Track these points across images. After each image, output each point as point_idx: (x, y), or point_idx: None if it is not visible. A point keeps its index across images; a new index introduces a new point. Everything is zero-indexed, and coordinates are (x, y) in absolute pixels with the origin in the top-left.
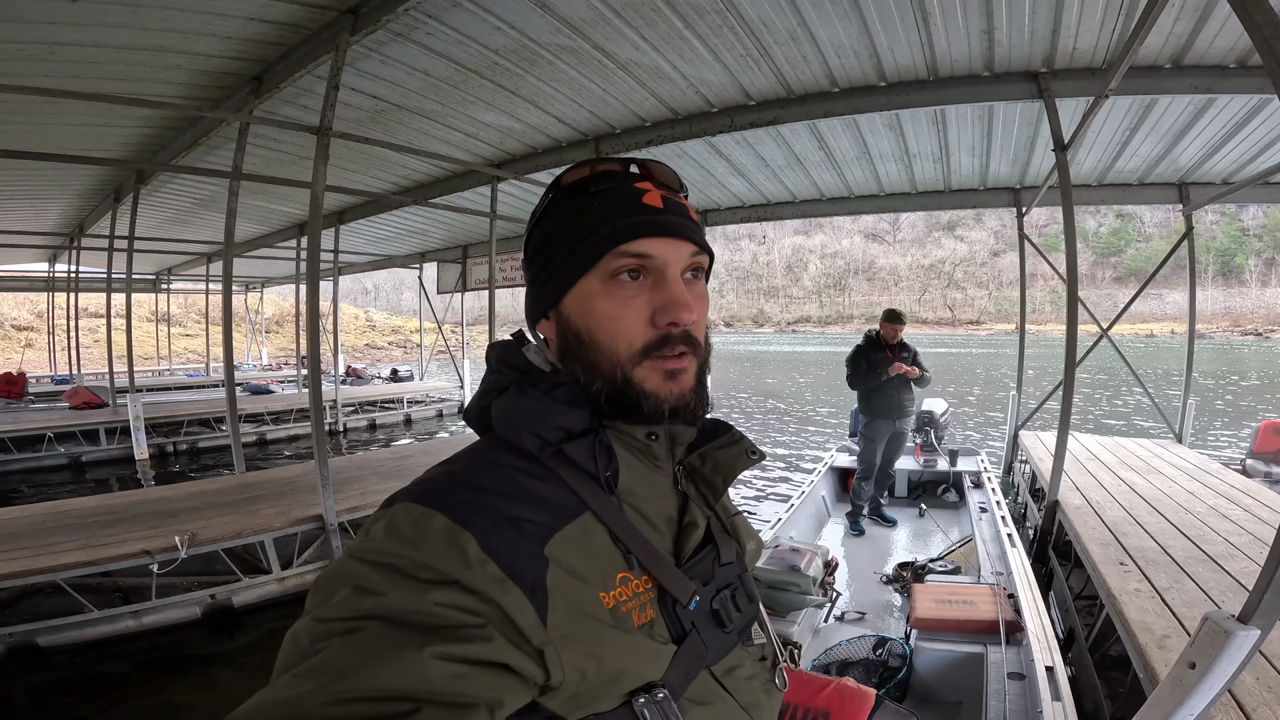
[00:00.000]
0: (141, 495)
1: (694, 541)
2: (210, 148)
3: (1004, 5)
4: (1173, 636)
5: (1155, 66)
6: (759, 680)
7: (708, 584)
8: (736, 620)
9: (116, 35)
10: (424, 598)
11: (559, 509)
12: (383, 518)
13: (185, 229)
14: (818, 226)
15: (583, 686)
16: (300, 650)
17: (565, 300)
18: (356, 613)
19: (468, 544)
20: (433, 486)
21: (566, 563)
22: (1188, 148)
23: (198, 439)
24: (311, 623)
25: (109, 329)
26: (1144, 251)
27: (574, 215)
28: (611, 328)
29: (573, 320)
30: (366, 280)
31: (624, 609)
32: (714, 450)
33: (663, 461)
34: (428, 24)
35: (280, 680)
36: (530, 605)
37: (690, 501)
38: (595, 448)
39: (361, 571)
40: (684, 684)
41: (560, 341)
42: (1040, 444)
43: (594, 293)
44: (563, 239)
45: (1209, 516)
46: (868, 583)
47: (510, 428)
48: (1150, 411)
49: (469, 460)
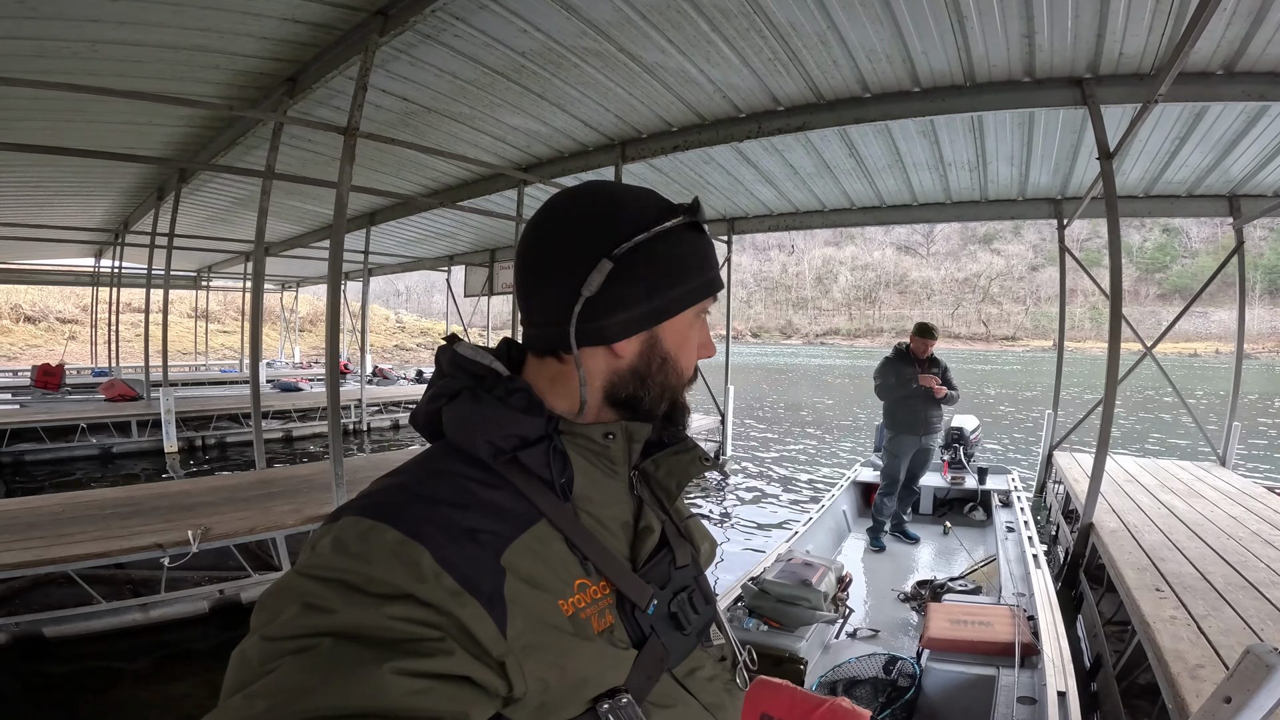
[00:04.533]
0: (162, 488)
1: (649, 545)
2: (248, 147)
3: (1045, 9)
4: (1207, 666)
5: (1206, 73)
6: (720, 681)
7: (665, 587)
8: (695, 622)
9: (157, 34)
10: (378, 613)
11: (514, 517)
12: (329, 533)
13: (225, 227)
14: (849, 237)
15: (546, 696)
16: (250, 670)
17: (667, 325)
18: (307, 630)
19: (421, 557)
20: (381, 499)
21: (524, 572)
22: (1239, 158)
23: (226, 434)
24: (259, 641)
25: (147, 324)
26: (1189, 268)
27: (700, 251)
28: (690, 356)
29: (665, 344)
30: (399, 282)
31: (583, 615)
32: (667, 456)
33: (619, 466)
34: (455, 26)
35: (231, 701)
36: (489, 617)
37: (645, 506)
38: (550, 454)
39: (309, 588)
40: (646, 687)
41: (639, 361)
42: (1076, 464)
43: (689, 324)
44: (690, 269)
45: (1252, 542)
46: (884, 600)
47: (463, 435)
48: (1190, 433)
49: (418, 470)
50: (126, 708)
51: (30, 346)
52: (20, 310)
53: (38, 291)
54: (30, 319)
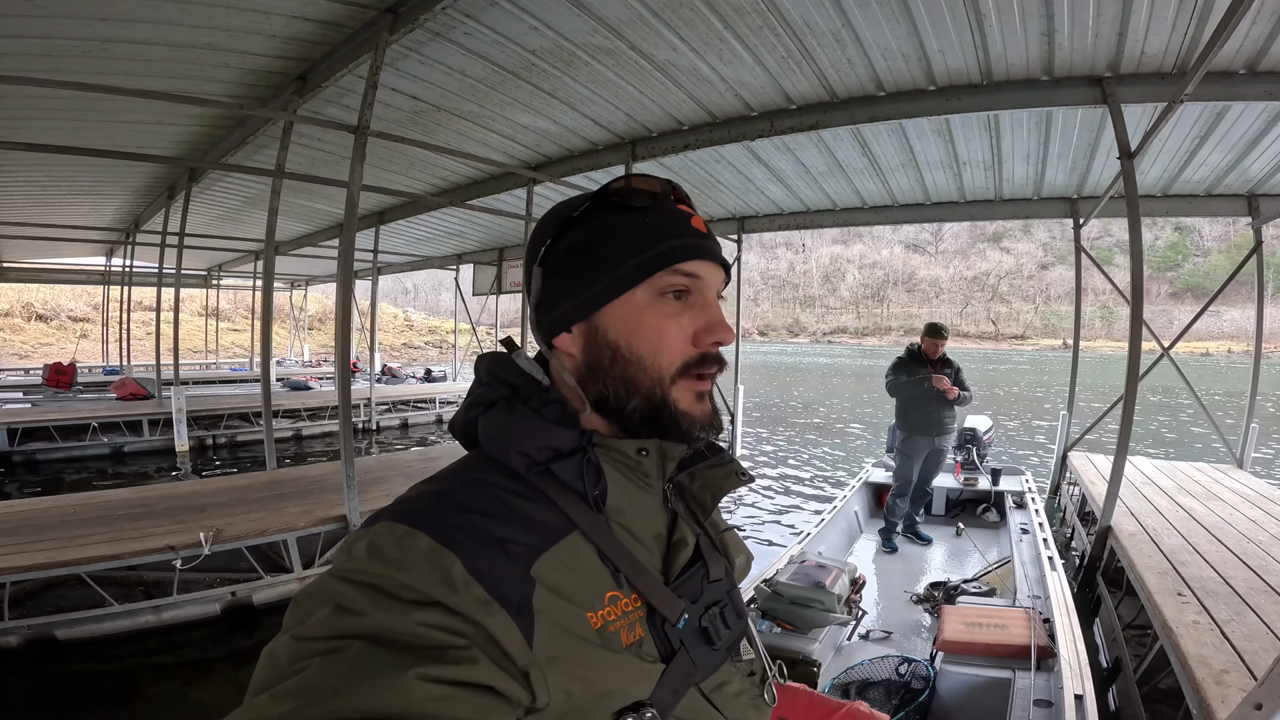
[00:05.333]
0: (174, 489)
1: (683, 559)
2: (258, 146)
3: (1066, 7)
4: (1231, 672)
5: (1229, 72)
6: (747, 696)
7: (696, 601)
8: (725, 637)
9: (167, 33)
10: (407, 618)
11: (546, 529)
12: (365, 537)
13: (235, 226)
14: (856, 236)
15: (569, 707)
16: (279, 669)
17: (603, 313)
18: (338, 632)
19: (452, 565)
20: (417, 506)
21: (553, 583)
22: (1259, 158)
23: (237, 433)
24: (290, 641)
25: (158, 323)
26: (1201, 266)
27: (623, 228)
28: (657, 342)
29: (610, 334)
30: (407, 280)
31: (612, 628)
32: (703, 469)
33: (652, 479)
34: (465, 23)
35: (258, 700)
36: (516, 627)
37: (679, 519)
38: (583, 466)
39: (343, 590)
40: (672, 702)
41: (588, 357)
42: (1091, 466)
43: (642, 307)
44: (609, 251)
45: (1273, 546)
46: (897, 602)
47: (497, 446)
48: (1204, 435)
49: (454, 478)
50: (138, 710)
51: (42, 345)
52: (32, 309)
53: (49, 290)
54: (42, 317)
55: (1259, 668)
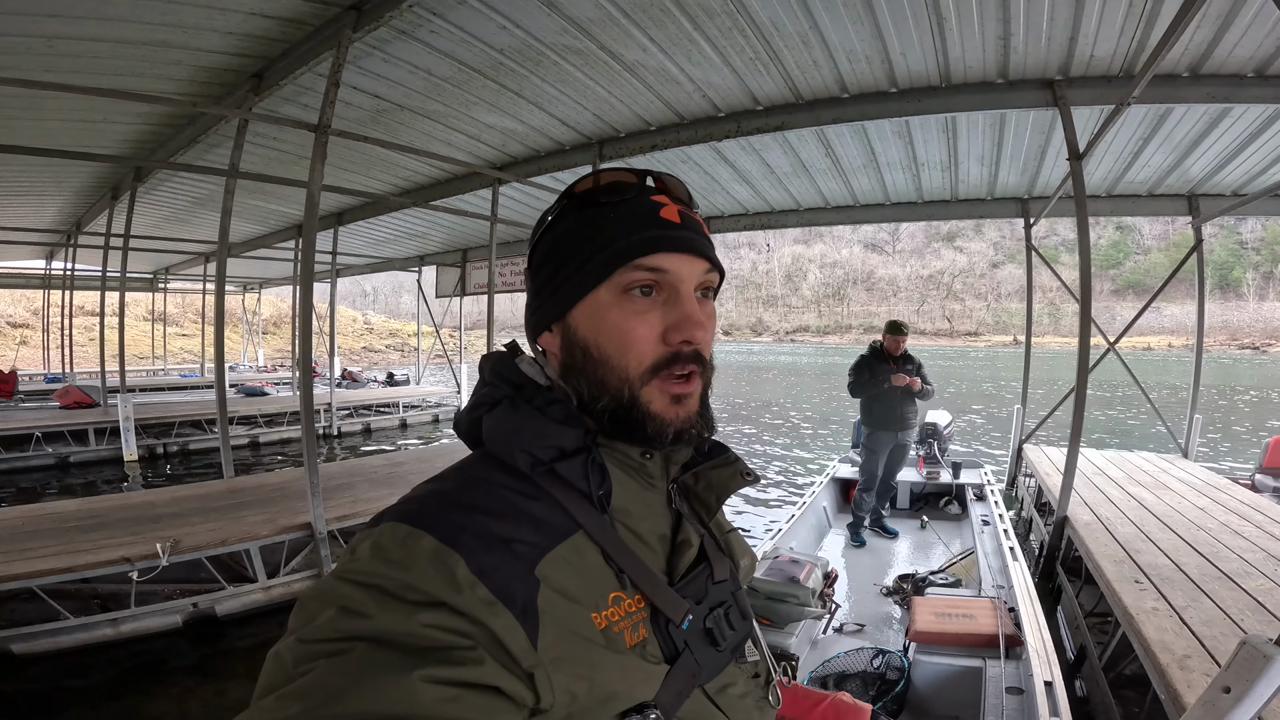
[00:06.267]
0: (125, 500)
1: (687, 560)
2: (209, 145)
3: (1022, 11)
4: (1194, 657)
5: (1173, 75)
6: (752, 698)
7: (701, 602)
8: (730, 638)
9: (117, 30)
10: (411, 619)
11: (551, 529)
12: (369, 537)
13: (183, 228)
14: (818, 235)
15: (574, 708)
16: (284, 671)
17: (574, 312)
18: (343, 634)
19: (456, 565)
20: (421, 505)
21: (558, 583)
22: (1199, 159)
23: (189, 441)
24: (295, 643)
25: (102, 328)
26: (1142, 264)
27: (588, 225)
28: (622, 342)
29: (580, 334)
30: (365, 283)
31: (616, 629)
32: (708, 470)
33: (657, 480)
34: (432, 21)
35: (264, 702)
36: (520, 628)
37: (684, 519)
38: (588, 466)
39: (347, 592)
40: (676, 704)
41: (564, 356)
42: (1045, 458)
43: (606, 305)
44: (575, 249)
45: (1221, 533)
46: (867, 594)
47: (502, 445)
48: (1147, 427)
49: (458, 478)
50: None
51: None
52: None
53: None
54: None
55: (1220, 653)
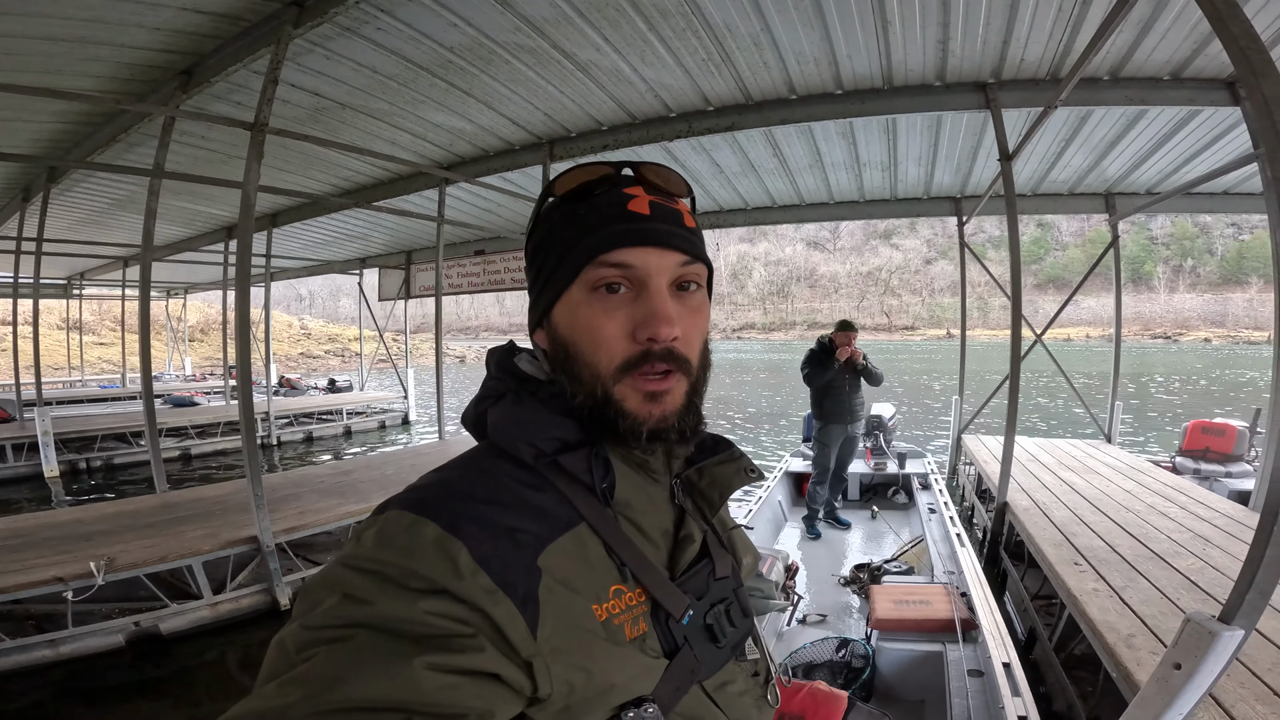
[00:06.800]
0: (50, 518)
1: (689, 555)
2: (130, 144)
3: (961, 15)
4: (1138, 635)
5: (1095, 78)
6: (751, 696)
7: (702, 598)
8: (730, 635)
9: (34, 25)
10: (413, 606)
11: (554, 520)
12: (374, 525)
13: (100, 231)
14: (762, 234)
15: (571, 699)
16: (287, 658)
17: (554, 311)
18: (345, 621)
19: (459, 553)
20: (426, 494)
21: (560, 574)
22: (1116, 159)
23: (113, 455)
24: (298, 630)
25: (15, 338)
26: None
27: (561, 224)
28: (592, 340)
29: (560, 332)
30: (301, 286)
31: (616, 622)
32: (712, 466)
33: (660, 475)
34: (379, 18)
35: (266, 688)
36: (521, 617)
37: (687, 515)
38: (591, 459)
39: (350, 579)
40: (674, 699)
41: (551, 352)
42: (984, 447)
43: (577, 304)
44: (550, 248)
45: (1149, 515)
46: (826, 585)
47: (505, 436)
48: (1066, 413)
49: (463, 468)
50: None
51: None
52: None
53: None
54: None
55: (1162, 630)
